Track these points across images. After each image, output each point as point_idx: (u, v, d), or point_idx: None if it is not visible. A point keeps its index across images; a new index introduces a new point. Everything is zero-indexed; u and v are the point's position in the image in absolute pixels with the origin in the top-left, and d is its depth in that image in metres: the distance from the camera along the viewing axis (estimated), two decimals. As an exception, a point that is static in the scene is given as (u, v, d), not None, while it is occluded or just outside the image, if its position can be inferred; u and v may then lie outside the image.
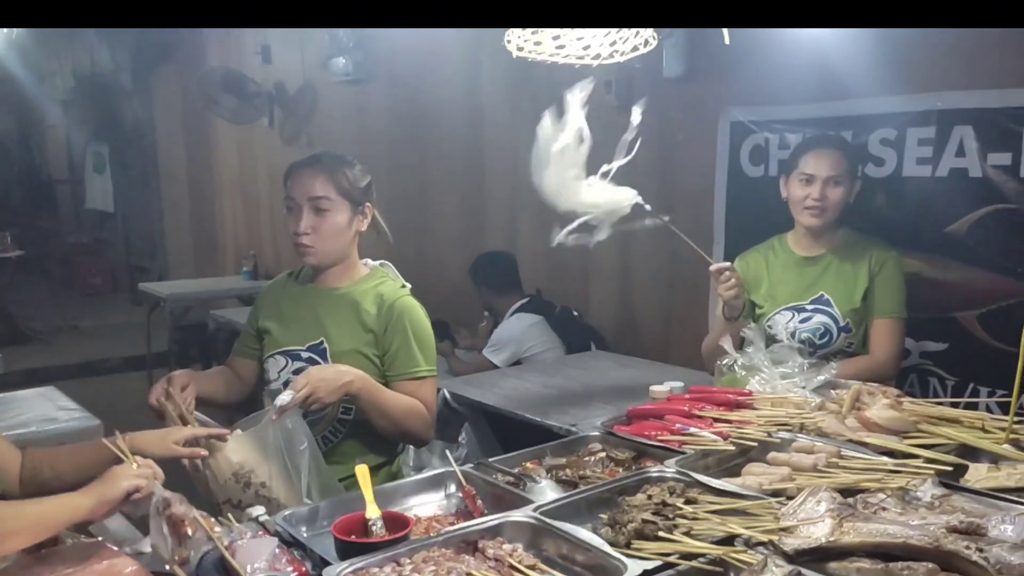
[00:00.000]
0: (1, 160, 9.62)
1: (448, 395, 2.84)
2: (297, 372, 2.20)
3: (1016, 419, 1.92)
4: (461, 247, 5.13)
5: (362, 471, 1.72)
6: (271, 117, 6.69)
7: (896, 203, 3.15)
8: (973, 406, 2.38)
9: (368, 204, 2.24)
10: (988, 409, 2.65)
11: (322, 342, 2.20)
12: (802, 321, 2.65)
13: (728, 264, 2.54)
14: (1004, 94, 2.80)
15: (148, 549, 1.59)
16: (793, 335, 2.60)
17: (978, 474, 1.70)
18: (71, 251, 9.19)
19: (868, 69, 3.05)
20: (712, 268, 2.53)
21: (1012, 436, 1.85)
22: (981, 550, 1.22)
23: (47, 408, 3.18)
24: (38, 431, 2.91)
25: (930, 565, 1.25)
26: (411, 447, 2.89)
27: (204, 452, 1.87)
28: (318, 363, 2.18)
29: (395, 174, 5.60)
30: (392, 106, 5.66)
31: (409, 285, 2.32)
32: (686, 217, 3.93)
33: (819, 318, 2.64)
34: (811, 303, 2.67)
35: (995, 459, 1.82)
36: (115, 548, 1.57)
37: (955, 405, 2.12)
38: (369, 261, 2.34)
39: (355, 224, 2.23)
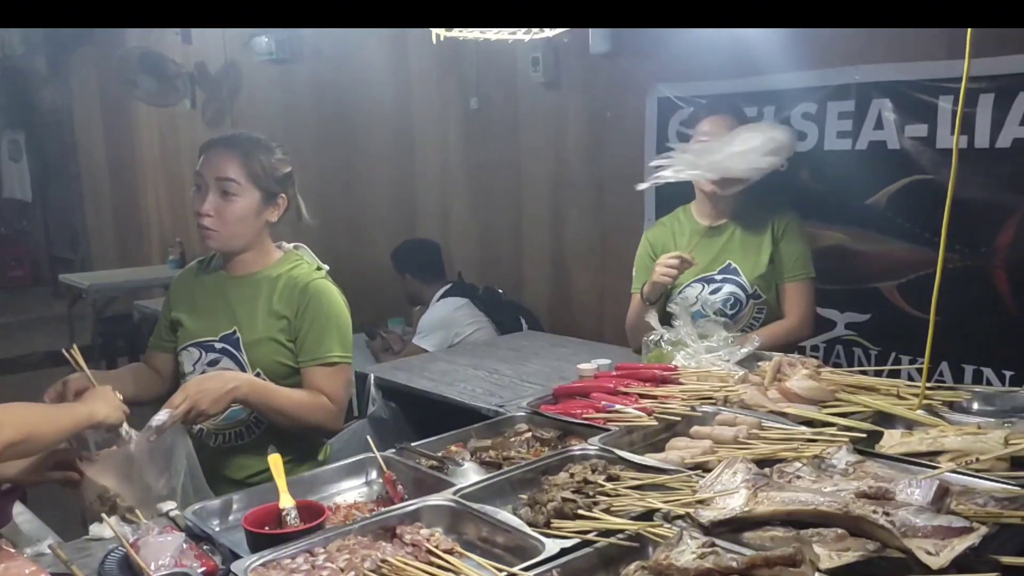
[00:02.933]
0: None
1: (374, 380, 2.79)
2: (212, 364, 2.13)
3: (929, 385, 1.96)
4: (392, 230, 5.05)
5: (275, 460, 1.67)
6: (193, 99, 6.48)
7: (818, 177, 3.19)
8: (896, 374, 2.43)
9: (283, 195, 2.16)
10: (909, 377, 2.72)
11: (235, 331, 2.12)
12: (712, 292, 2.67)
13: (687, 259, 2.54)
14: (919, 66, 2.85)
15: (48, 550, 1.51)
16: (705, 306, 2.61)
17: (892, 440, 1.72)
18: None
19: (789, 43, 3.07)
20: (672, 254, 2.54)
21: (925, 402, 1.89)
22: (888, 514, 1.23)
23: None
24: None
25: (839, 530, 1.26)
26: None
27: (76, 476, 1.75)
28: (232, 353, 2.11)
29: (322, 156, 5.49)
30: (317, 86, 5.53)
31: (326, 267, 2.25)
32: (616, 193, 3.95)
33: (728, 288, 2.67)
34: (719, 273, 2.69)
35: (910, 425, 1.86)
36: (12, 551, 1.49)
37: (878, 373, 2.17)
38: (284, 244, 2.26)
39: (265, 214, 2.14)
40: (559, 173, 4.22)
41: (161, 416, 1.87)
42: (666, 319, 2.52)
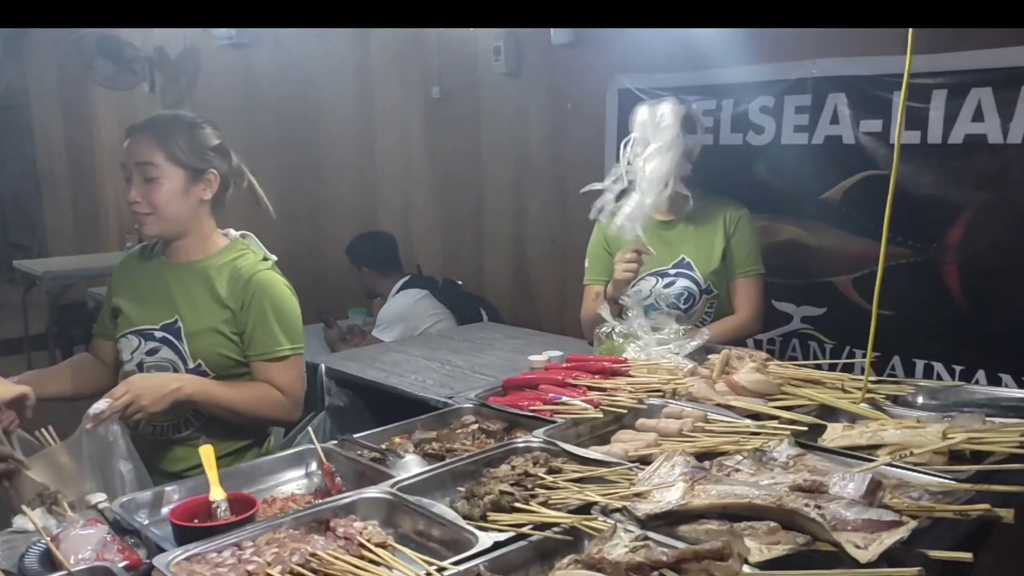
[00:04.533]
0: None
1: (324, 370, 2.75)
2: (151, 353, 2.07)
3: (873, 379, 1.97)
4: (353, 220, 4.99)
5: (206, 452, 1.62)
6: (152, 83, 6.35)
7: (775, 171, 3.20)
8: (849, 367, 2.44)
9: (212, 171, 2.08)
10: (863, 371, 2.74)
11: (176, 321, 2.06)
12: (666, 286, 2.67)
13: (645, 250, 2.51)
14: (874, 61, 2.86)
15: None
16: (658, 300, 2.61)
17: (834, 433, 1.72)
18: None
19: (748, 37, 3.07)
20: (632, 246, 2.50)
21: (869, 396, 1.89)
22: (820, 507, 1.23)
23: None
24: None
25: (772, 524, 1.25)
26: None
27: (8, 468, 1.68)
28: (173, 343, 2.05)
29: (283, 144, 5.42)
30: (278, 72, 5.44)
31: (273, 258, 2.18)
32: (577, 185, 3.91)
33: (682, 282, 2.68)
34: (673, 267, 2.70)
35: (853, 419, 1.86)
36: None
37: (832, 367, 2.17)
38: (231, 232, 2.20)
39: (195, 193, 2.06)
40: (521, 164, 4.19)
41: (100, 405, 1.83)
42: (620, 311, 2.50)
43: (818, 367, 2.15)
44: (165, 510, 1.62)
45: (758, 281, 2.75)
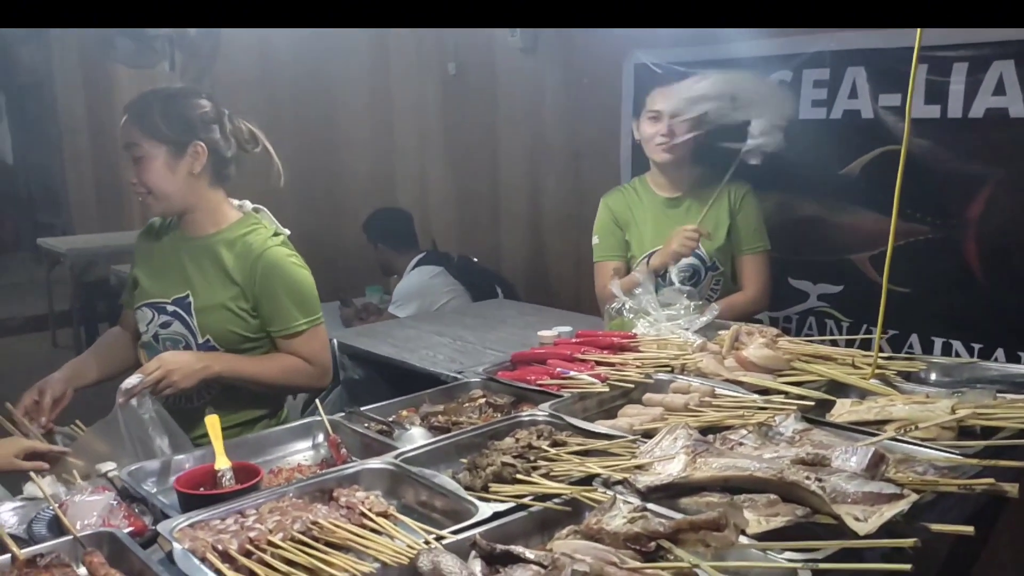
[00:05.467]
0: None
1: (338, 345, 2.76)
2: (164, 326, 2.09)
3: (884, 355, 1.95)
4: (370, 197, 5.00)
5: (212, 422, 1.64)
6: (172, 61, 6.34)
7: (792, 146, 3.14)
8: (863, 344, 2.42)
9: (198, 143, 2.01)
10: (881, 348, 2.71)
11: (187, 296, 2.07)
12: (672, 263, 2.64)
13: (704, 232, 2.52)
14: (895, 34, 2.79)
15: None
16: (664, 277, 2.59)
17: (842, 409, 1.71)
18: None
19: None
20: (692, 226, 2.51)
21: (879, 372, 1.87)
22: (820, 480, 1.21)
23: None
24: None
25: (772, 496, 1.24)
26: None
27: (46, 465, 1.70)
28: (183, 318, 2.06)
29: (301, 121, 5.41)
30: (296, 49, 5.42)
31: (285, 232, 2.16)
32: (593, 161, 3.90)
33: (687, 259, 2.65)
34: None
35: (863, 394, 1.84)
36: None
37: (847, 344, 2.14)
38: (246, 204, 2.18)
39: (181, 167, 2.01)
40: (536, 140, 4.17)
41: (132, 380, 1.86)
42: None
43: (831, 343, 2.12)
44: (173, 479, 1.64)
45: (764, 257, 2.75)
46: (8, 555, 1.27)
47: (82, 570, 1.29)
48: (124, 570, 1.27)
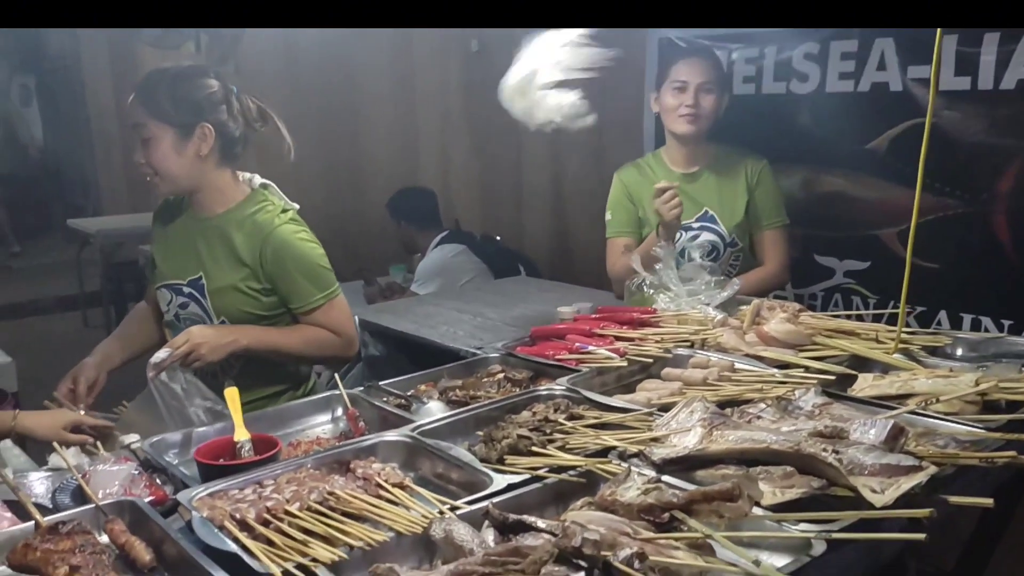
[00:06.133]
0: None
1: (359, 322, 2.77)
2: (182, 307, 2.11)
3: (908, 330, 1.91)
4: (393, 176, 5.00)
5: (231, 394, 1.66)
6: (197, 42, 6.38)
7: (819, 120, 3.10)
8: (892, 320, 2.38)
9: (205, 124, 1.99)
10: (908, 325, 2.67)
11: (200, 277, 2.07)
12: (691, 240, 2.63)
13: (673, 184, 2.46)
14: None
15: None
16: (683, 253, 2.56)
17: (864, 383, 1.68)
18: (1, 188, 8.81)
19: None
20: (657, 185, 2.45)
21: (902, 346, 1.84)
22: (837, 452, 1.20)
23: (-43, 346, 3.11)
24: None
25: (788, 468, 1.23)
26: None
27: (90, 439, 1.75)
28: (198, 299, 2.07)
29: (325, 100, 5.42)
30: (319, 29, 5.43)
31: (294, 207, 2.16)
32: (616, 137, 3.86)
33: (706, 235, 2.64)
34: (696, 220, 2.66)
35: (886, 369, 1.81)
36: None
37: (875, 319, 2.11)
38: (255, 179, 2.17)
39: (189, 149, 1.99)
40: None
41: (161, 354, 1.89)
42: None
43: (856, 318, 2.09)
44: (194, 450, 1.66)
45: (783, 232, 2.73)
46: (32, 522, 1.29)
47: (104, 537, 1.31)
48: (144, 538, 1.29)
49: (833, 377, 1.69)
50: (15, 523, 1.35)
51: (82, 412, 1.86)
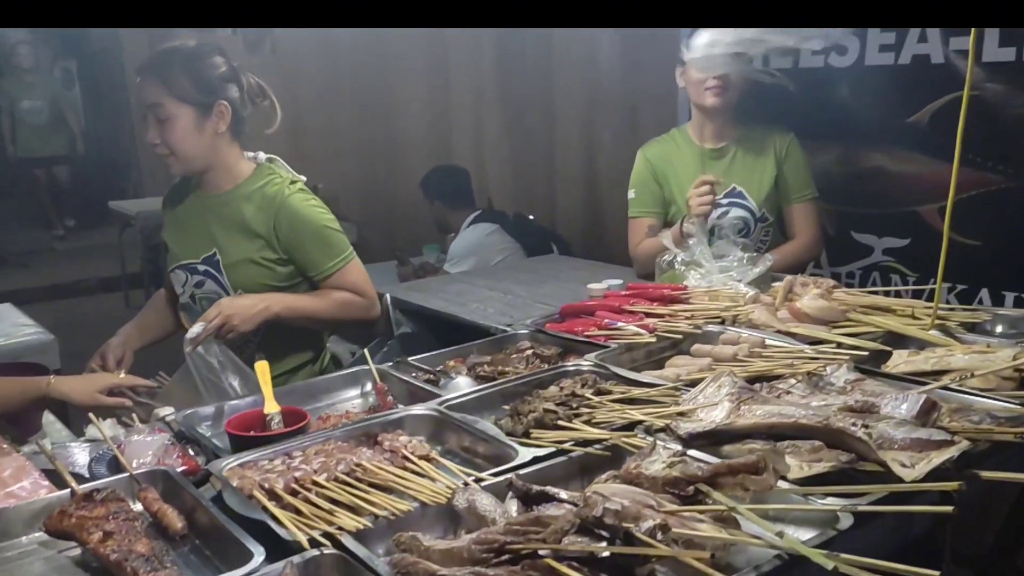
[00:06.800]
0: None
1: (391, 300, 2.79)
2: (198, 286, 2.13)
3: (945, 306, 1.87)
4: (427, 155, 5.01)
5: (261, 367, 1.68)
6: (234, 24, 6.44)
7: (858, 94, 3.03)
8: (930, 297, 2.33)
9: (222, 102, 2.01)
10: (947, 303, 2.61)
11: (215, 254, 2.09)
12: (719, 216, 2.58)
13: (715, 180, 2.44)
14: (968, -28, 2.65)
15: (36, 448, 1.55)
16: (712, 231, 2.52)
17: (899, 360, 1.65)
18: (46, 170, 8.99)
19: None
20: (703, 176, 2.43)
21: (939, 322, 1.80)
22: (867, 426, 1.18)
23: (4, 325, 3.20)
24: (-4, 345, 2.95)
25: (816, 443, 1.21)
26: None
27: (128, 402, 1.79)
28: (214, 275, 2.10)
29: (359, 80, 5.43)
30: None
31: (302, 178, 2.17)
32: (650, 115, 3.82)
33: (736, 211, 2.60)
34: (725, 197, 2.60)
35: (923, 346, 1.78)
36: (5, 446, 1.54)
37: (916, 295, 2.07)
38: (260, 155, 2.18)
39: (208, 127, 2.02)
40: (593, 95, 4.10)
41: (196, 329, 1.93)
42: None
43: (894, 295, 2.05)
44: (223, 423, 1.69)
45: (814, 205, 2.69)
46: (68, 490, 1.33)
47: (137, 505, 1.34)
48: (177, 506, 1.31)
49: (866, 353, 1.67)
50: (52, 491, 1.38)
51: (121, 375, 1.88)
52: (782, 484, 1.15)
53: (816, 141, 2.99)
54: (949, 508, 0.98)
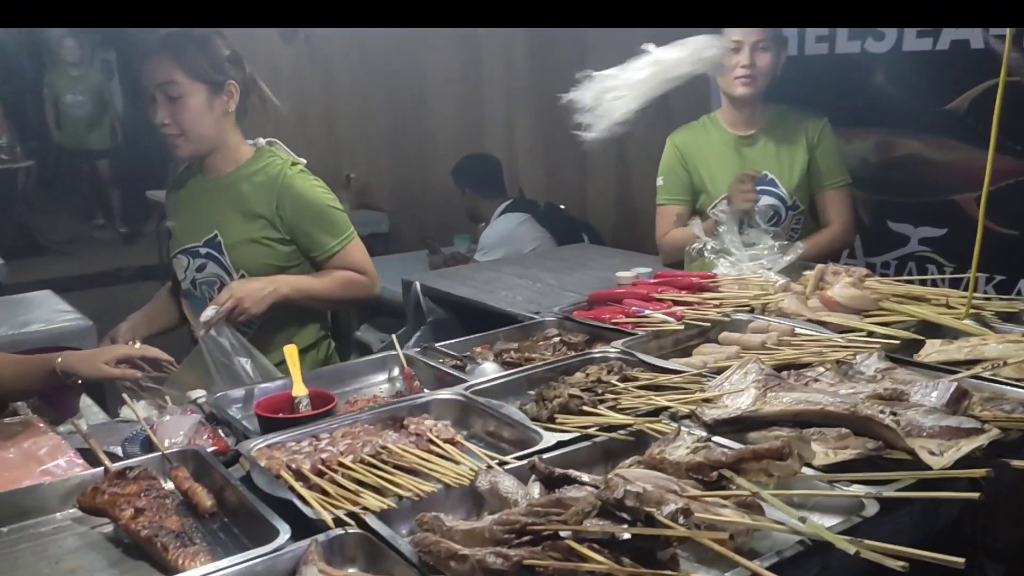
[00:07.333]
0: (13, 73, 9.51)
1: (420, 288, 2.80)
2: (200, 269, 2.15)
3: (980, 296, 1.84)
4: (459, 145, 5.01)
5: (290, 351, 1.70)
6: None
7: (895, 80, 2.97)
8: (958, 285, 2.29)
9: (231, 82, 2.04)
10: (984, 293, 2.55)
11: (216, 235, 2.11)
12: None
13: (760, 174, 2.44)
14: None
15: (72, 428, 1.59)
16: (742, 219, 2.49)
17: (932, 349, 1.63)
18: (86, 160, 9.15)
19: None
20: (745, 171, 2.43)
21: (973, 311, 1.77)
22: (895, 414, 1.16)
23: (44, 311, 3.30)
24: (36, 331, 3.04)
25: (843, 430, 1.20)
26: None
27: (137, 373, 1.76)
28: (216, 257, 2.12)
29: (391, 69, 5.45)
30: None
31: (303, 161, 2.18)
32: (682, 104, 3.77)
33: (767, 199, 2.55)
34: (757, 184, 2.55)
35: (957, 335, 1.74)
36: (42, 425, 1.58)
37: (954, 284, 2.04)
38: (260, 140, 2.20)
39: (219, 106, 2.04)
40: (624, 83, 4.06)
41: (208, 313, 1.96)
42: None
43: (923, 284, 2.02)
44: (253, 405, 1.71)
45: (847, 191, 2.64)
46: (101, 468, 1.36)
47: (168, 483, 1.37)
48: (206, 485, 1.34)
49: (898, 342, 1.64)
50: (86, 469, 1.42)
51: (137, 345, 1.89)
52: (807, 471, 1.14)
53: (852, 128, 2.94)
54: (975, 494, 0.96)
